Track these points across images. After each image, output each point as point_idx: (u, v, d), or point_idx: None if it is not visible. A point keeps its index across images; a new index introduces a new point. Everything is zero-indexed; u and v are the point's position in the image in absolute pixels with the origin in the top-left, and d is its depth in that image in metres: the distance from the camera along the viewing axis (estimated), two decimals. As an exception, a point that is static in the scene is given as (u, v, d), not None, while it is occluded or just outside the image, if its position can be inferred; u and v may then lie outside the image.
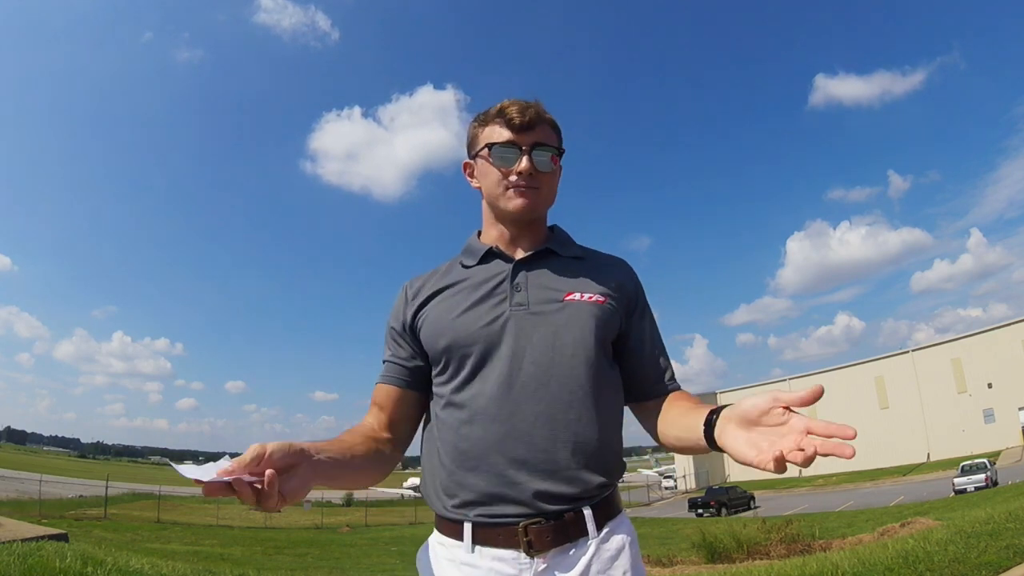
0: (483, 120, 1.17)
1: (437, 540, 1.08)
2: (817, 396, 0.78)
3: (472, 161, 1.20)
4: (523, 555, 0.98)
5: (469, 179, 1.22)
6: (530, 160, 1.11)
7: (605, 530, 1.03)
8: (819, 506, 24.26)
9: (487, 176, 1.15)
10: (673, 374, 1.19)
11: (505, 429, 1.02)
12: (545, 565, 0.99)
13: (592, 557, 1.00)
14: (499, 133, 1.13)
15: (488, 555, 1.00)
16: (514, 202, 1.13)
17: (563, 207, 1.24)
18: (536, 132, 1.13)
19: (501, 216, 1.17)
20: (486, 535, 1.00)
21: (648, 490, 44.91)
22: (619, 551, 1.03)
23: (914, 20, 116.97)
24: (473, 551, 1.01)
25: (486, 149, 1.14)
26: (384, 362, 1.20)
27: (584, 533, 1.01)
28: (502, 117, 1.13)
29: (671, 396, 1.15)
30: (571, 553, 1.00)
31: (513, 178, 1.12)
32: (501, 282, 1.12)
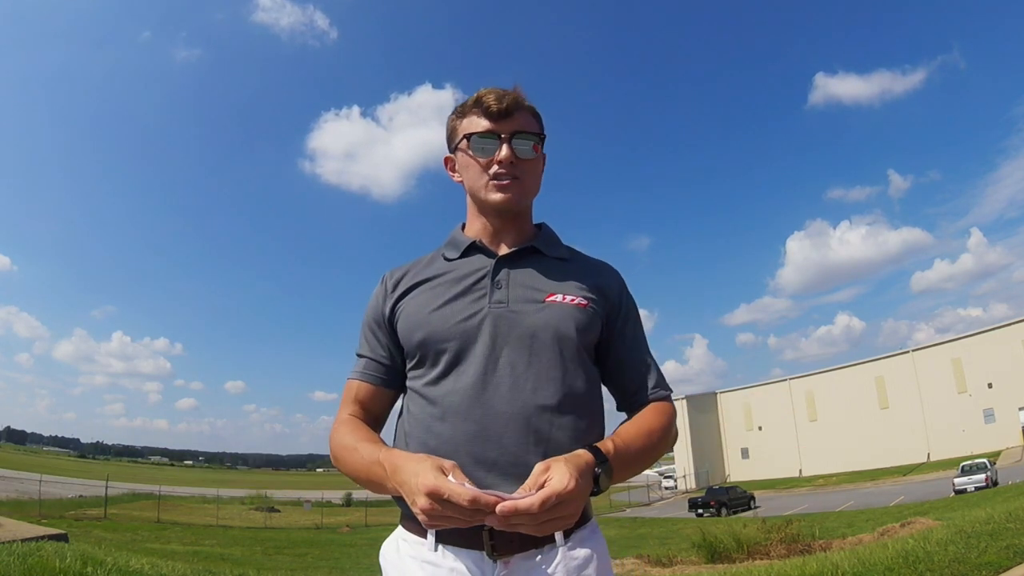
0: (461, 112, 1.14)
1: (401, 536, 1.06)
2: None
3: (452, 155, 1.17)
4: (486, 558, 0.96)
5: (451, 174, 1.19)
6: (510, 148, 1.08)
7: (573, 538, 1.00)
8: (819, 506, 24.27)
9: (468, 168, 1.12)
10: (657, 382, 1.15)
11: (476, 429, 0.99)
12: (508, 570, 0.96)
13: (558, 565, 0.97)
14: (477, 123, 1.10)
15: (451, 555, 0.98)
16: (495, 195, 1.10)
17: (562, 206, 1.22)
18: (515, 120, 1.09)
19: (484, 209, 1.14)
20: (450, 535, 0.97)
21: (648, 490, 44.89)
22: (587, 561, 1.00)
23: (914, 19, 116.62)
24: (436, 550, 0.98)
25: (464, 140, 1.11)
26: (359, 356, 1.16)
27: (551, 540, 0.97)
28: (479, 106, 1.10)
29: (642, 410, 1.12)
30: (537, 559, 0.97)
31: (494, 168, 1.09)
32: (482, 278, 1.09)
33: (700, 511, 28.19)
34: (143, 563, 5.83)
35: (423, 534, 1.00)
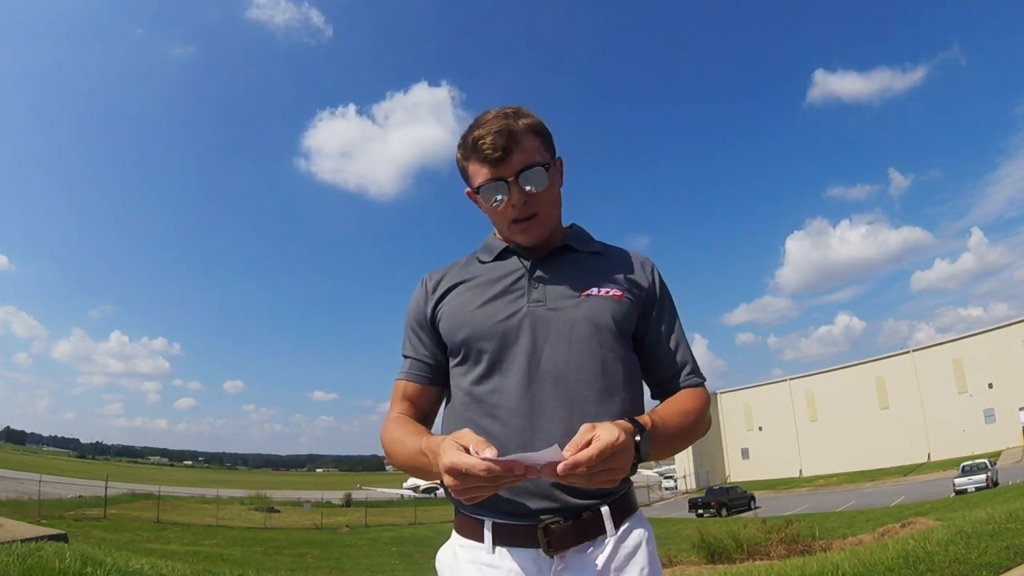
0: (464, 152, 1.13)
1: (457, 543, 1.08)
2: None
3: (471, 191, 1.19)
4: (543, 554, 1.00)
5: (476, 205, 1.20)
6: (519, 190, 1.08)
7: (623, 528, 1.04)
8: (819, 506, 24.26)
9: (487, 212, 1.16)
10: (692, 370, 1.18)
11: (524, 425, 1.03)
12: (564, 564, 1.00)
13: (610, 555, 1.01)
14: (480, 172, 1.10)
15: (509, 555, 1.01)
16: (520, 237, 1.14)
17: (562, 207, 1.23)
18: (516, 157, 1.08)
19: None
20: (506, 535, 1.02)
21: (648, 490, 44.85)
22: (636, 548, 1.03)
23: (915, 16, 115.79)
24: (494, 552, 1.02)
25: (476, 192, 1.13)
26: (405, 357, 1.21)
27: (602, 531, 1.02)
28: (477, 153, 1.09)
29: (675, 395, 1.16)
30: (589, 552, 1.01)
31: (509, 211, 1.10)
32: (519, 278, 1.13)
33: (700, 511, 28.16)
34: (143, 563, 5.83)
35: (479, 538, 1.04)
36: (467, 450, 0.86)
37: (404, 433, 1.10)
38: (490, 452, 0.85)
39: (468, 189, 1.18)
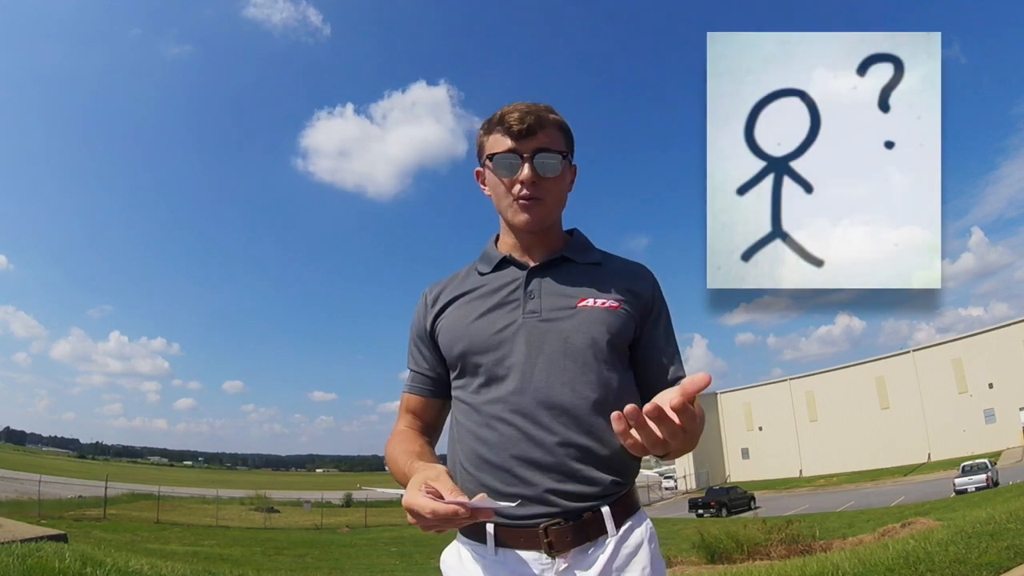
0: (487, 128, 1.16)
1: (461, 542, 1.11)
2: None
3: (482, 169, 1.20)
4: (544, 556, 1.01)
5: (482, 187, 1.22)
6: (532, 168, 1.09)
7: (624, 528, 1.05)
8: (820, 506, 24.26)
9: (493, 187, 1.16)
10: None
11: (519, 433, 1.05)
12: (566, 565, 1.01)
13: (611, 555, 1.02)
14: (500, 142, 1.12)
15: (511, 557, 1.03)
16: (519, 216, 1.13)
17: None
18: (539, 137, 1.10)
19: (511, 226, 1.19)
20: (508, 537, 1.03)
21: (648, 490, 44.84)
22: (638, 548, 1.05)
23: (914, 13, 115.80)
24: (496, 553, 1.04)
25: (489, 160, 1.13)
26: (409, 371, 1.25)
27: (603, 532, 1.03)
28: (502, 125, 1.11)
29: None
30: (591, 552, 1.02)
31: (517, 188, 1.11)
32: (515, 289, 1.14)
33: (700, 512, 28.15)
34: (143, 564, 5.83)
35: (482, 539, 1.06)
36: (437, 492, 0.90)
37: (401, 451, 1.12)
38: (453, 493, 0.88)
39: (478, 168, 1.20)
